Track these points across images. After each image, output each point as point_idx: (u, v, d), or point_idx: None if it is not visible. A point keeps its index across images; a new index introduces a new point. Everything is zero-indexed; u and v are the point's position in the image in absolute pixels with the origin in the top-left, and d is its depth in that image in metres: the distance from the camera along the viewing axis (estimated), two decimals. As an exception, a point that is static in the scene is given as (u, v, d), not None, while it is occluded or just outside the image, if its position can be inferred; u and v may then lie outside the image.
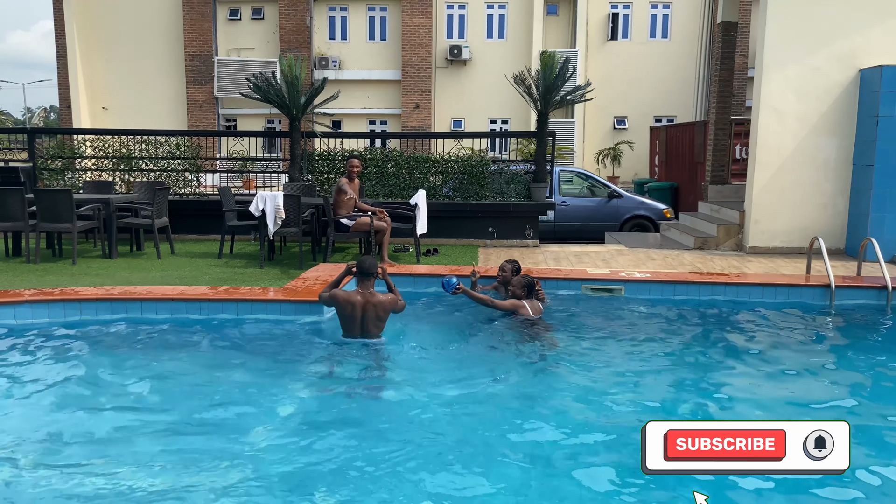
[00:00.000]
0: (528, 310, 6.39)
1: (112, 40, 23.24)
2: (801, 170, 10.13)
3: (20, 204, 8.87)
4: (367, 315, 5.77)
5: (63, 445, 4.19)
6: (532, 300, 6.49)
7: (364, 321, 5.77)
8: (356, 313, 5.75)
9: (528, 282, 6.53)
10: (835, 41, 9.87)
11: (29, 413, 4.64)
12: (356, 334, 5.80)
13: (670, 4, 23.23)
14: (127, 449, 4.12)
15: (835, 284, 7.34)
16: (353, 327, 5.79)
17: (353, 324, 5.78)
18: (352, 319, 5.77)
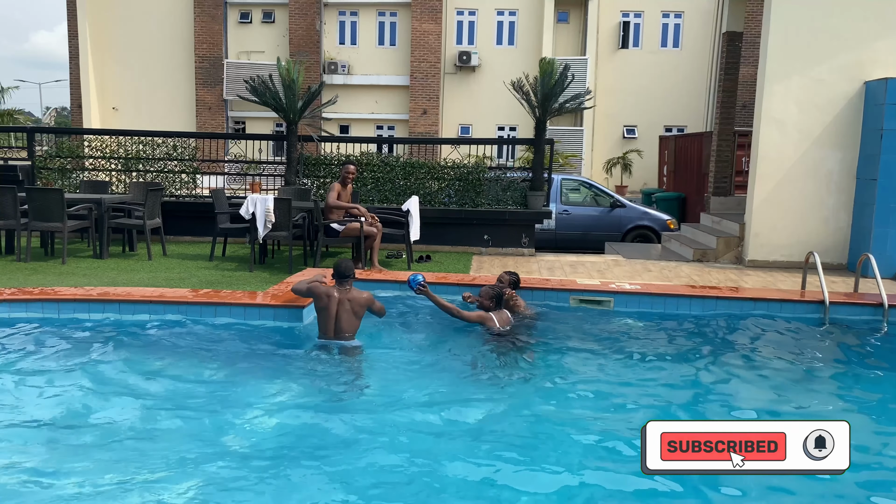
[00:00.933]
0: (494, 322, 6.23)
1: (124, 42, 23.43)
2: (803, 183, 9.94)
3: (13, 202, 8.88)
4: (343, 309, 5.76)
5: (12, 444, 4.13)
6: (500, 311, 6.35)
7: (339, 317, 5.76)
8: (332, 307, 5.76)
9: (497, 293, 6.39)
10: (839, 53, 9.69)
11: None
12: (331, 333, 5.78)
13: (682, 13, 23.06)
14: (84, 450, 4.07)
15: (829, 300, 7.15)
16: (329, 323, 5.78)
17: (329, 319, 5.78)
18: (327, 313, 5.77)
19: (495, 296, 6.35)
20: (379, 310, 6.11)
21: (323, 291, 5.86)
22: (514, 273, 7.06)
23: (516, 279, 6.98)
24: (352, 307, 5.81)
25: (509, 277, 6.96)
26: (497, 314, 6.28)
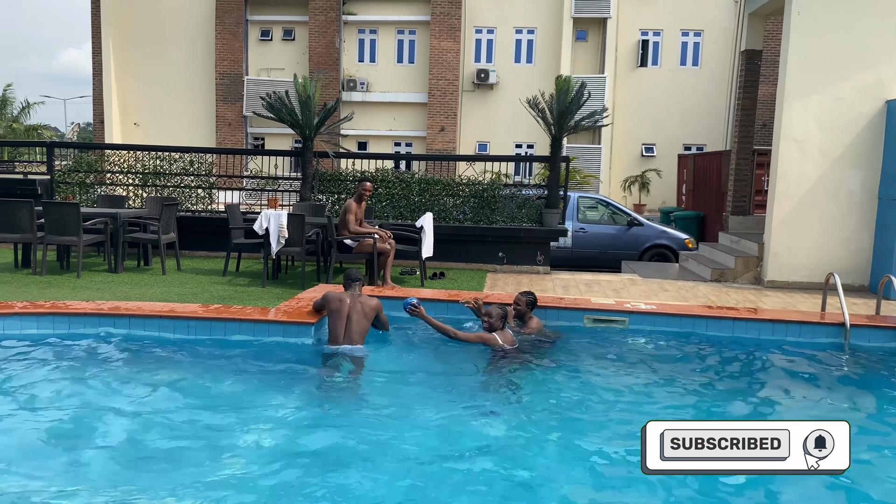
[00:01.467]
0: (497, 340, 6.15)
1: (146, 58, 23.77)
2: (823, 203, 9.78)
3: (29, 216, 8.96)
4: (354, 311, 6.05)
5: (21, 458, 4.10)
6: (504, 331, 6.26)
7: (350, 319, 6.02)
8: (343, 310, 6.05)
9: (503, 312, 6.31)
10: (860, 71, 9.56)
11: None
12: (341, 337, 5.96)
13: (701, 32, 22.96)
14: (93, 464, 4.04)
15: (850, 323, 6.97)
16: (339, 326, 6.00)
17: (340, 322, 6.01)
18: (339, 316, 6.03)
19: (504, 316, 6.27)
20: (384, 322, 6.36)
21: (335, 296, 6.18)
22: (530, 293, 6.92)
23: (533, 299, 6.85)
24: (362, 309, 6.10)
25: (526, 298, 6.84)
26: (501, 334, 6.19)
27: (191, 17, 23.68)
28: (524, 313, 6.79)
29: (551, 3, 23.03)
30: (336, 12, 23.02)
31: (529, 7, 23.17)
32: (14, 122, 36.18)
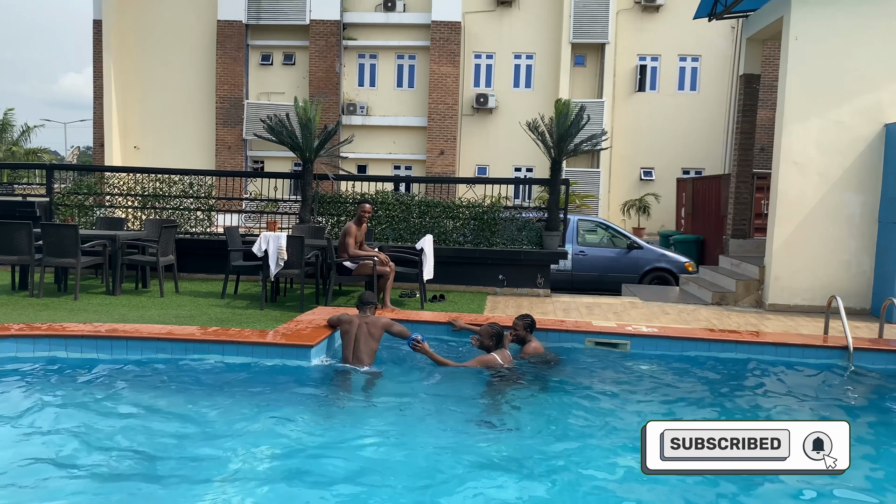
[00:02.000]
0: (497, 361, 6.13)
1: (147, 81, 23.91)
2: (824, 226, 9.76)
3: (27, 238, 8.92)
4: (361, 332, 6.33)
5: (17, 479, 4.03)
6: (502, 351, 6.23)
7: (357, 340, 6.30)
8: (353, 331, 6.35)
9: (497, 331, 6.27)
10: (859, 95, 9.60)
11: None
12: (350, 357, 6.26)
13: (699, 57, 23.13)
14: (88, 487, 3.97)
15: (853, 346, 6.93)
16: (349, 346, 6.31)
17: (349, 343, 6.32)
18: (349, 338, 6.34)
19: (495, 334, 6.24)
20: (400, 332, 6.53)
21: (347, 318, 6.53)
22: (527, 316, 6.89)
23: (530, 322, 6.82)
24: (368, 330, 6.35)
25: (523, 321, 6.79)
26: (500, 353, 6.15)
27: (192, 42, 23.85)
28: (523, 337, 6.75)
29: (550, 29, 23.23)
30: (336, 37, 23.20)
31: (528, 33, 23.36)
32: (14, 145, 36.29)
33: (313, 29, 23.15)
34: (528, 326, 6.78)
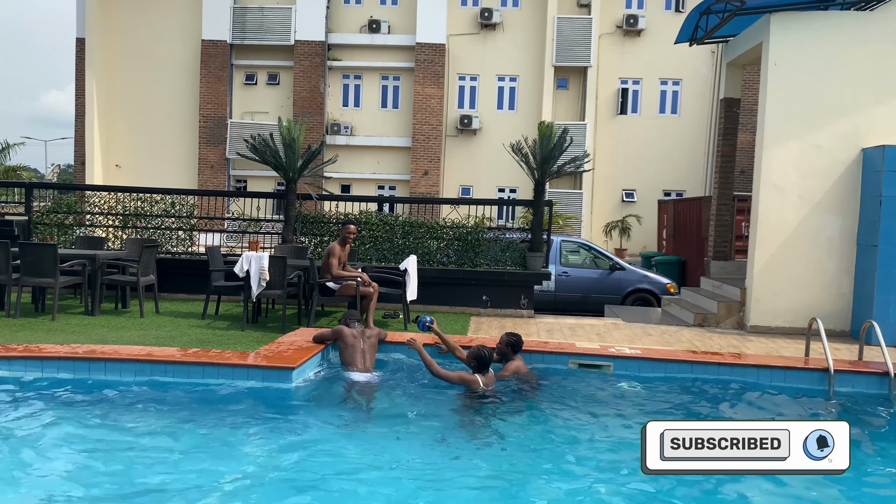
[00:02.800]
0: (479, 383, 6.11)
1: (130, 100, 23.82)
2: (804, 248, 9.87)
3: (5, 257, 8.79)
4: (368, 344, 6.93)
5: None
6: (487, 374, 6.23)
7: (365, 352, 6.85)
8: (358, 344, 6.85)
9: (478, 353, 6.24)
10: (837, 119, 9.76)
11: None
12: (362, 366, 6.76)
13: (680, 81, 23.45)
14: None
15: (834, 369, 6.97)
16: (357, 358, 6.77)
17: (357, 354, 6.78)
18: (354, 350, 6.80)
19: (476, 356, 6.21)
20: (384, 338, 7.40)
21: (349, 332, 6.89)
22: (514, 334, 6.85)
23: (515, 340, 6.78)
24: (371, 343, 7.01)
25: (507, 339, 6.77)
26: (483, 376, 6.13)
27: (176, 61, 23.82)
28: (505, 353, 6.71)
29: (533, 52, 23.47)
30: (321, 58, 23.27)
31: (512, 56, 23.58)
32: (-7, 162, 35.91)
33: (298, 49, 23.22)
34: (512, 345, 6.73)
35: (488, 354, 6.28)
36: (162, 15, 23.71)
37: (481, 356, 6.22)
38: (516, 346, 6.75)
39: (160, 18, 23.71)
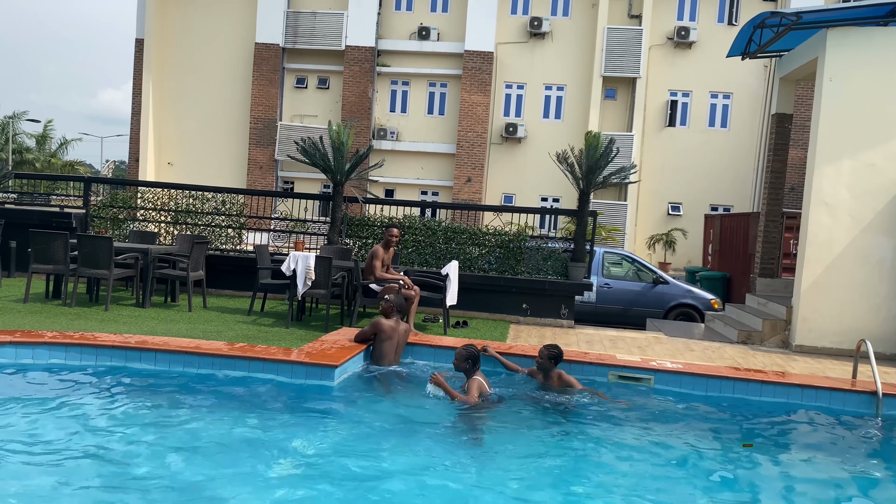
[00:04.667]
0: (485, 385, 6.16)
1: (183, 100, 24.48)
2: (854, 268, 9.67)
3: (63, 248, 9.13)
4: (401, 339, 7.17)
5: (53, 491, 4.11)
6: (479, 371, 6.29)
7: (398, 345, 7.12)
8: (395, 337, 7.08)
9: (471, 353, 6.25)
10: (892, 138, 9.55)
11: (26, 460, 4.58)
12: (393, 358, 7.03)
13: (730, 94, 23.14)
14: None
15: (882, 392, 6.81)
16: (391, 350, 7.03)
17: (392, 347, 7.04)
18: (391, 342, 7.04)
19: (469, 356, 6.25)
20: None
21: (387, 324, 7.04)
22: (554, 346, 6.76)
23: (557, 353, 6.73)
24: (402, 337, 7.21)
25: (548, 351, 6.72)
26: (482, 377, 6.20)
27: (230, 63, 24.41)
28: (548, 367, 6.71)
29: (581, 62, 23.42)
30: (370, 63, 23.59)
31: (559, 65, 23.58)
32: (52, 156, 37.17)
33: (348, 54, 23.58)
34: (553, 357, 6.72)
35: (478, 351, 6.34)
36: (217, 18, 24.33)
37: (473, 354, 6.26)
38: (558, 359, 6.73)
39: (215, 21, 24.34)
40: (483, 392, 6.12)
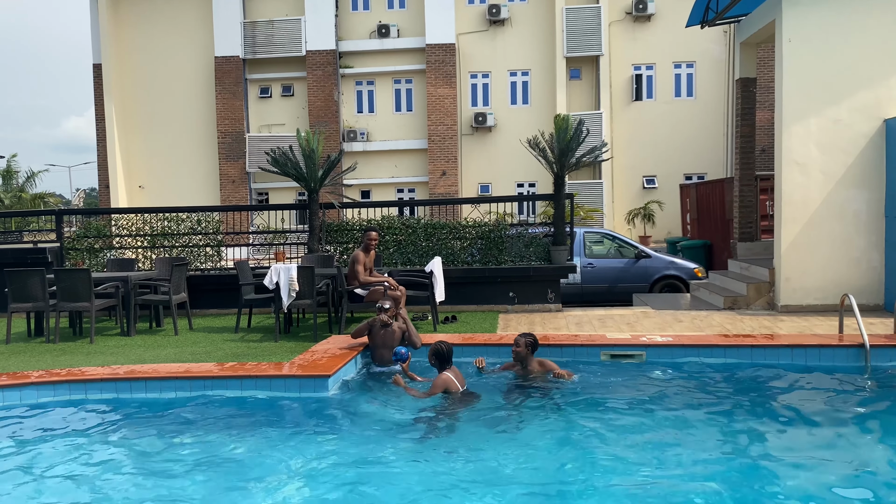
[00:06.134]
0: (453, 381, 6.09)
1: (148, 121, 24.21)
2: (830, 224, 9.78)
3: (41, 284, 9.00)
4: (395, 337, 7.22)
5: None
6: (453, 368, 6.23)
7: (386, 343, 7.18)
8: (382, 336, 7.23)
9: (436, 349, 6.25)
10: (856, 92, 9.65)
11: (16, 499, 4.52)
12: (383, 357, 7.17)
13: (693, 63, 23.27)
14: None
15: (869, 344, 6.91)
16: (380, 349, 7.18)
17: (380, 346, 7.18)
18: (380, 341, 7.19)
19: (434, 353, 6.27)
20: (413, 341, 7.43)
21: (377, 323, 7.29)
22: (529, 335, 6.75)
23: (534, 340, 6.73)
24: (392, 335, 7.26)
25: (525, 339, 6.66)
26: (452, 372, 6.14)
27: (191, 79, 24.16)
28: (525, 357, 6.65)
29: (543, 45, 23.44)
30: (333, 66, 23.45)
31: (522, 50, 23.58)
32: (21, 191, 36.64)
33: (310, 59, 23.43)
34: (531, 345, 6.66)
35: (446, 349, 6.28)
36: (173, 35, 24.07)
37: (439, 351, 6.25)
38: (535, 346, 6.70)
39: (172, 39, 24.07)
40: (449, 388, 6.03)
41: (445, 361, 6.25)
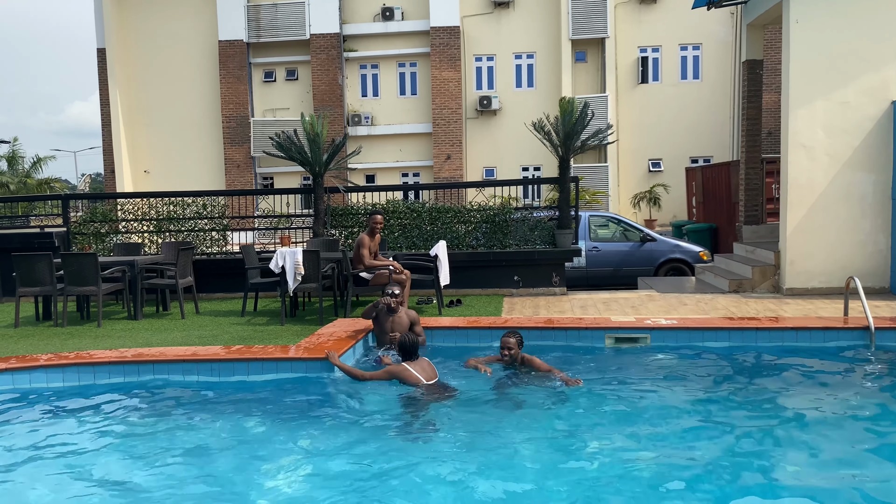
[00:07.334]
0: (410, 372, 5.96)
1: (153, 107, 24.20)
2: (836, 207, 9.75)
3: (48, 269, 9.05)
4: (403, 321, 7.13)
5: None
6: (420, 359, 6.11)
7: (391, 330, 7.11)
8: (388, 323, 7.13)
9: (401, 342, 6.16)
10: (862, 75, 9.59)
11: (28, 482, 4.58)
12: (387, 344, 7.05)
13: (700, 45, 23.11)
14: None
15: (874, 326, 6.92)
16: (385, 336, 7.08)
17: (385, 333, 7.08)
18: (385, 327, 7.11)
19: (399, 345, 6.21)
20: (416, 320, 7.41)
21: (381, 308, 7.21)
22: (517, 332, 6.51)
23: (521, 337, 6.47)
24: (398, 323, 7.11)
25: (516, 339, 6.40)
26: (414, 364, 6.03)
27: (195, 64, 24.12)
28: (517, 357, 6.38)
29: (548, 27, 23.29)
30: (337, 50, 23.36)
31: (527, 32, 23.43)
32: (27, 176, 36.74)
33: (313, 43, 23.34)
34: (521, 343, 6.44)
35: (409, 341, 6.17)
36: (177, 19, 23.99)
37: (402, 343, 6.19)
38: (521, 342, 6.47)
39: (176, 23, 24.00)
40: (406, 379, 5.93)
41: (408, 354, 6.15)
